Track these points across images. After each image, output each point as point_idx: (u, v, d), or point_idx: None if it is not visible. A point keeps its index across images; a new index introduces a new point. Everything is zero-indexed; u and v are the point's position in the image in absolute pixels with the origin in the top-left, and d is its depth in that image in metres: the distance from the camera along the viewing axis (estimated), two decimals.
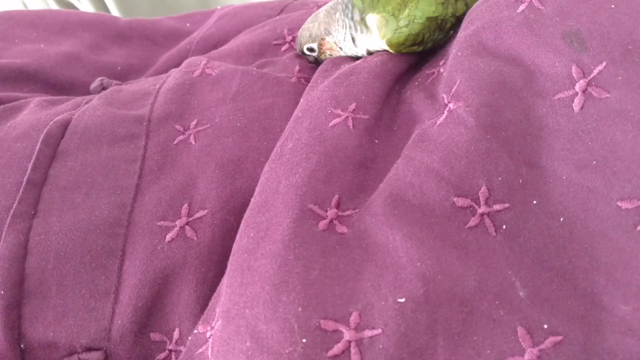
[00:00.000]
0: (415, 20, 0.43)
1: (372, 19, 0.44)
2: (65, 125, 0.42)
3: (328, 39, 0.47)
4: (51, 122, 0.41)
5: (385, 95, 0.41)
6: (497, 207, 0.31)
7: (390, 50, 0.44)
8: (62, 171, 0.39)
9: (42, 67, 0.54)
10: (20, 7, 0.97)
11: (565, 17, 0.35)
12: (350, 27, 0.45)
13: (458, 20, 0.44)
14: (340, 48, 0.47)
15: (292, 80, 0.47)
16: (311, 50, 0.48)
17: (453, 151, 0.33)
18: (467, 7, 0.44)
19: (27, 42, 0.58)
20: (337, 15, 0.46)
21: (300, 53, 0.50)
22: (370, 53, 0.46)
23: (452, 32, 0.45)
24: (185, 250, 0.36)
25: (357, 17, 0.44)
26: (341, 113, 0.38)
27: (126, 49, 0.62)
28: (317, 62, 0.50)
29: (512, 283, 0.28)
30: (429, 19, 0.43)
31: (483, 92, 0.34)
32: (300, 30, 0.49)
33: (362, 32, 0.45)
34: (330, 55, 0.48)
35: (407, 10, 0.43)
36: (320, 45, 0.47)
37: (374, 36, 0.45)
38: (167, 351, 0.35)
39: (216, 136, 0.42)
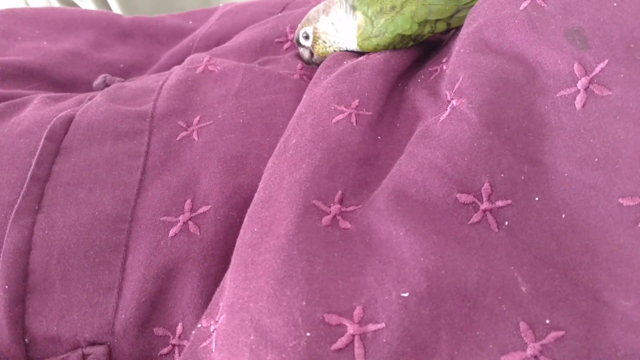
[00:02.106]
0: (386, 34, 0.43)
1: (359, 16, 0.44)
2: (68, 121, 0.42)
3: (324, 19, 0.47)
4: (55, 119, 0.41)
5: (388, 92, 0.41)
6: (499, 203, 0.31)
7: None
8: (65, 167, 0.39)
9: (45, 65, 0.54)
10: (23, 5, 0.97)
11: (567, 14, 0.35)
12: (346, 10, 0.45)
13: (435, 35, 0.44)
14: (337, 30, 0.47)
15: (295, 77, 0.48)
16: (306, 37, 0.48)
17: (456, 147, 0.33)
18: (449, 26, 0.44)
19: (30, 39, 0.58)
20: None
21: (296, 43, 0.50)
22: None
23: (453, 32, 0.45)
24: (189, 246, 0.36)
25: (351, 2, 0.45)
26: (344, 109, 0.39)
27: (129, 46, 0.62)
28: (310, 60, 0.50)
29: (514, 278, 0.29)
30: (400, 35, 0.43)
31: (485, 89, 0.34)
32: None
33: (352, 20, 0.45)
34: (324, 42, 0.48)
35: (382, 20, 0.43)
36: (315, 30, 0.47)
37: (354, 32, 0.45)
38: (170, 346, 0.35)
39: (219, 132, 0.42)
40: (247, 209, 0.35)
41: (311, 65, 0.51)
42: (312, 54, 0.50)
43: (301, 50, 0.50)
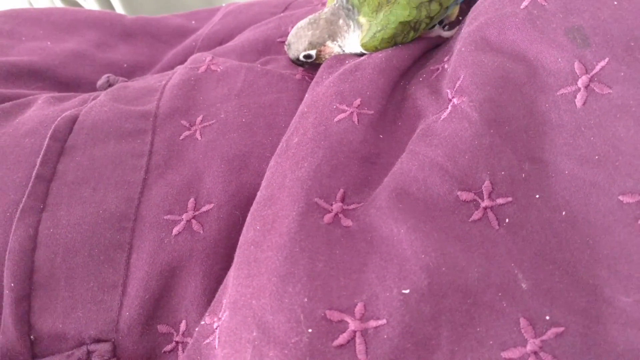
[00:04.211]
0: (389, 25, 0.43)
1: (363, 20, 0.45)
2: (73, 121, 0.42)
3: (330, 44, 0.47)
4: (59, 118, 0.42)
5: (390, 90, 0.41)
6: (500, 201, 0.31)
7: (364, 51, 0.46)
8: (70, 166, 0.39)
9: (49, 65, 0.55)
10: (26, 6, 0.97)
11: (568, 13, 0.35)
12: (353, 29, 0.45)
13: (432, 20, 0.44)
14: (343, 51, 0.47)
15: (297, 77, 0.48)
16: (308, 57, 0.47)
17: (457, 145, 0.33)
18: (441, 6, 0.44)
19: (34, 39, 0.58)
20: (341, 21, 0.46)
21: (294, 59, 0.48)
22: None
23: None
24: (192, 244, 0.37)
25: (356, 16, 0.45)
26: (346, 108, 0.39)
27: (132, 46, 0.62)
28: (304, 65, 0.49)
29: (514, 275, 0.29)
30: (401, 23, 0.43)
31: (486, 87, 0.34)
32: (294, 37, 0.48)
33: (358, 30, 0.45)
34: (326, 59, 0.48)
35: (381, 14, 0.44)
36: (319, 52, 0.47)
37: (359, 38, 0.45)
38: (174, 343, 0.35)
39: (222, 132, 0.42)
40: (250, 207, 0.35)
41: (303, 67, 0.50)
42: (310, 63, 0.49)
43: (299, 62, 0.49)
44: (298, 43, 0.47)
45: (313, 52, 0.47)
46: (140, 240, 0.37)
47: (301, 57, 0.48)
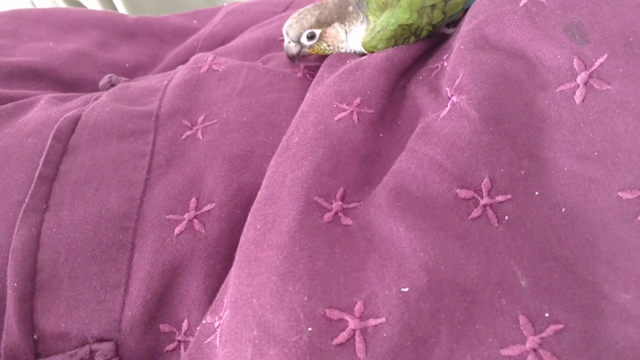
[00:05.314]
0: (388, 27, 0.44)
1: (370, 18, 0.45)
2: (75, 121, 0.42)
3: (337, 27, 0.46)
4: (61, 118, 0.42)
5: (390, 90, 0.41)
6: (499, 198, 0.31)
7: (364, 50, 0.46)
8: (72, 166, 0.40)
9: (51, 65, 0.55)
10: (29, 6, 0.98)
11: (567, 10, 0.35)
12: (362, 20, 0.46)
13: (435, 27, 0.45)
14: (347, 39, 0.47)
15: (298, 75, 0.48)
16: (311, 36, 0.46)
17: (456, 143, 0.33)
18: (445, 15, 0.44)
19: (37, 40, 0.59)
20: (351, 8, 0.46)
21: (295, 39, 0.46)
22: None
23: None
24: (194, 243, 0.37)
25: (365, 9, 0.45)
26: (346, 107, 0.39)
27: (134, 46, 0.62)
28: (296, 55, 0.48)
29: (514, 273, 0.29)
30: (401, 26, 0.43)
31: (485, 85, 0.35)
32: (297, 18, 0.46)
33: (365, 25, 0.45)
34: (327, 46, 0.47)
35: (383, 15, 0.44)
36: (323, 34, 0.46)
37: (362, 35, 0.46)
38: (176, 342, 0.36)
39: (223, 131, 0.42)
40: (251, 206, 0.35)
41: (294, 60, 0.49)
42: (300, 49, 0.48)
43: (291, 44, 0.47)
44: (304, 20, 0.46)
45: (318, 32, 0.46)
46: (142, 240, 0.37)
47: (303, 37, 0.46)
